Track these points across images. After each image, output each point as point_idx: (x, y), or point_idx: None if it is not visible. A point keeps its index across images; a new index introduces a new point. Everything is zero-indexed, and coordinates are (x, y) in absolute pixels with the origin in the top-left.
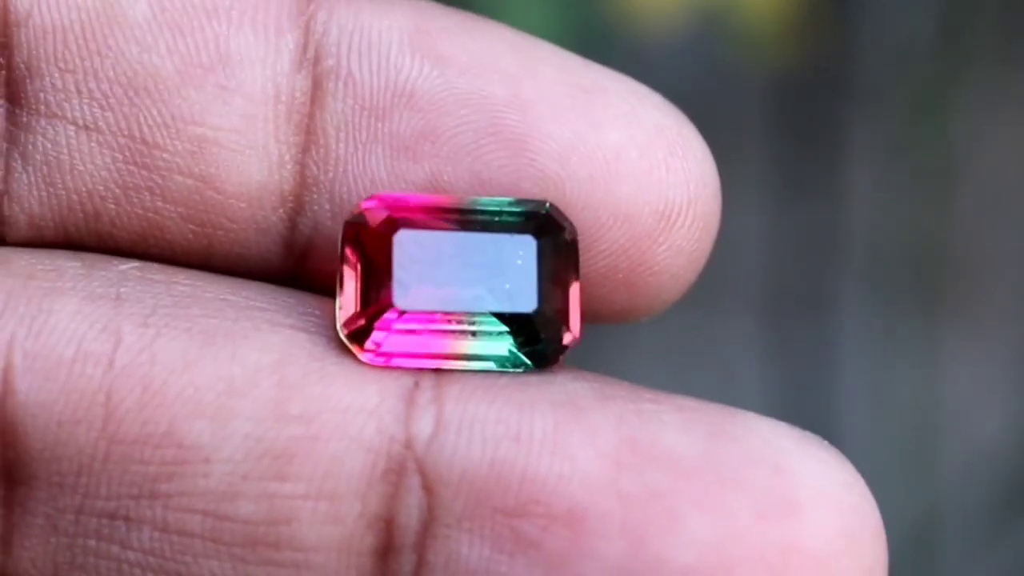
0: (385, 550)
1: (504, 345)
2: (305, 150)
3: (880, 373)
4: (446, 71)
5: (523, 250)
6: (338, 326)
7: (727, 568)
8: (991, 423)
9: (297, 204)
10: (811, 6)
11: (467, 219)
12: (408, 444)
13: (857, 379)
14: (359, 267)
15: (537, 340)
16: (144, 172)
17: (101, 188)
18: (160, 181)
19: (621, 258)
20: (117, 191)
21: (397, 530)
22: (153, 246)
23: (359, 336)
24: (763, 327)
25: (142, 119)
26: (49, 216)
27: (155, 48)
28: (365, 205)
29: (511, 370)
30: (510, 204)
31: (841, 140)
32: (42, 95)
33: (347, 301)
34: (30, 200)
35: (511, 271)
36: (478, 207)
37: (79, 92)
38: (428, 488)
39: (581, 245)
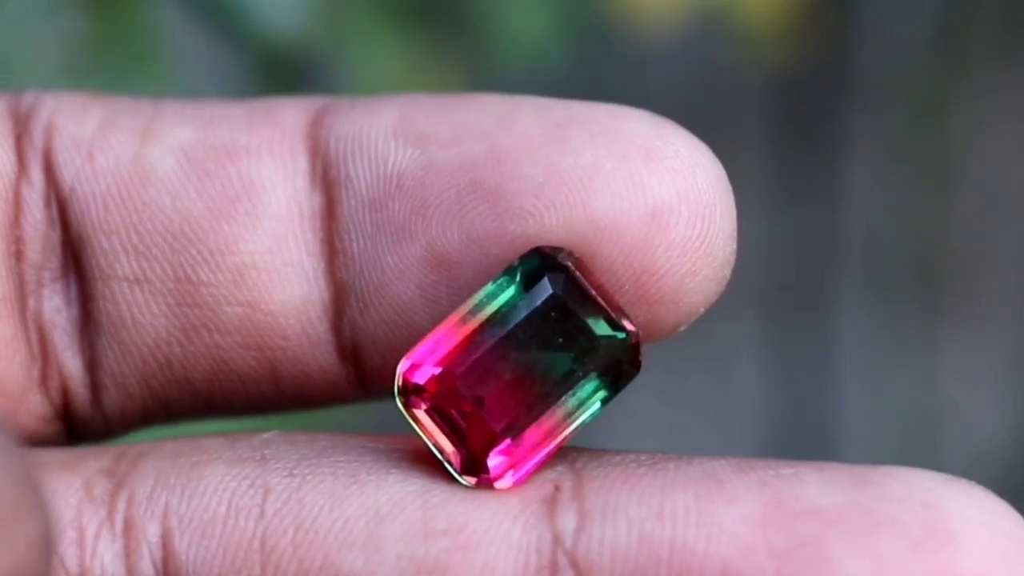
0: None
1: (595, 384)
2: (330, 259)
3: (880, 373)
4: (427, 148)
5: (550, 304)
6: (459, 479)
7: None
8: (990, 423)
9: (336, 311)
10: (811, 6)
11: (487, 318)
12: (556, 540)
13: (857, 379)
14: (436, 422)
15: (616, 360)
16: (197, 310)
17: (164, 334)
18: (212, 315)
19: (620, 270)
20: (178, 334)
21: None
22: (225, 380)
23: (483, 477)
24: (763, 327)
25: (183, 261)
26: (128, 372)
27: (186, 194)
28: (405, 371)
29: (618, 392)
30: (506, 277)
31: (841, 140)
32: (94, 260)
33: (451, 456)
34: (108, 361)
35: (556, 326)
36: (486, 302)
37: (125, 250)
38: None
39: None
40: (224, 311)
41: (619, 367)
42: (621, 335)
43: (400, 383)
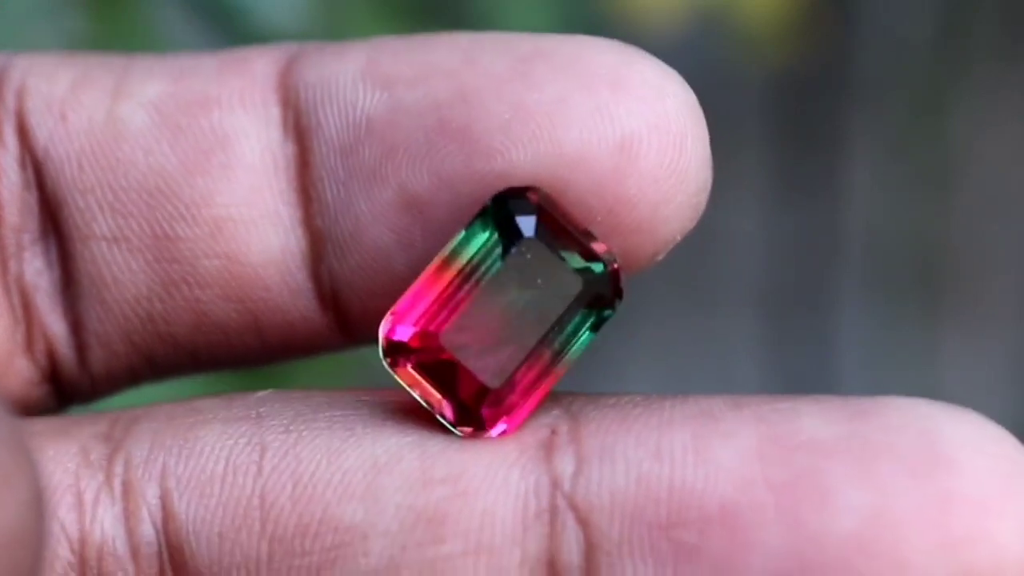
0: None
1: (580, 318)
2: (306, 208)
3: (880, 373)
4: (394, 90)
5: (525, 246)
6: (453, 431)
7: (889, 526)
8: None
9: (314, 259)
10: (811, 6)
11: (463, 266)
12: (555, 484)
13: (857, 379)
14: (425, 377)
15: (597, 293)
16: (176, 265)
17: (144, 290)
18: (191, 270)
19: (592, 201)
20: (159, 289)
21: (561, 570)
22: (208, 333)
23: (477, 426)
24: (763, 327)
25: (160, 217)
26: (112, 331)
27: (159, 149)
28: (387, 331)
29: (605, 322)
30: (479, 222)
31: (841, 140)
32: (71, 220)
33: (442, 409)
34: (91, 321)
35: (534, 267)
36: (460, 249)
37: (101, 209)
38: (582, 520)
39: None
40: (203, 265)
41: (601, 299)
42: (599, 267)
43: (383, 343)
